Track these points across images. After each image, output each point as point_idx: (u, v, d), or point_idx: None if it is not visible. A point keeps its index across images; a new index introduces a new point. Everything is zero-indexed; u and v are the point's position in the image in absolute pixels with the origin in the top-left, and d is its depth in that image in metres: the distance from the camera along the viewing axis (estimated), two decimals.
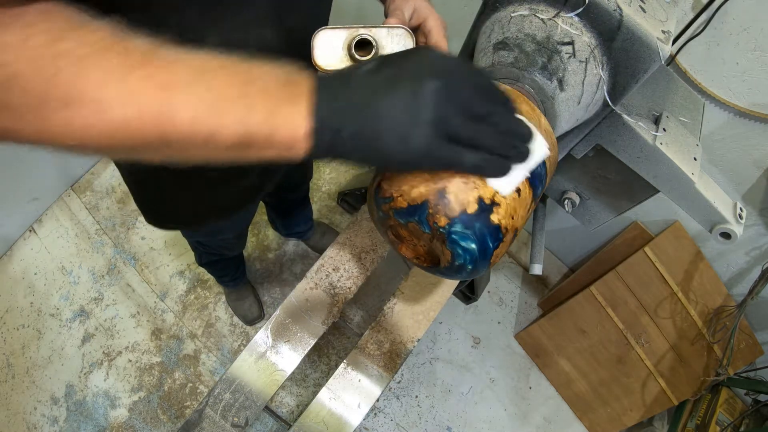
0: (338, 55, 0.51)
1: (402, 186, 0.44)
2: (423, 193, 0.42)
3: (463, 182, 0.42)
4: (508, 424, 1.75)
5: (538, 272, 0.97)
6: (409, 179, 0.43)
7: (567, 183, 0.91)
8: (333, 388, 0.92)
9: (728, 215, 0.72)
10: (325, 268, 0.97)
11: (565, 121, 0.63)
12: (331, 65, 0.51)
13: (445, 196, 0.42)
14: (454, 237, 0.43)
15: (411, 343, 0.95)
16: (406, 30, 0.52)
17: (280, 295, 1.76)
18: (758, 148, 1.11)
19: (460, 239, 0.43)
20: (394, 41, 0.52)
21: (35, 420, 1.51)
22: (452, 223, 0.42)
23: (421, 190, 0.43)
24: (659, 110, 0.75)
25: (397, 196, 0.44)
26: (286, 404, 1.61)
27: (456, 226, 0.42)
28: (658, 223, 1.48)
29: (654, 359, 1.55)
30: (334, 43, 0.51)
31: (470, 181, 0.42)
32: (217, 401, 0.88)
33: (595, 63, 0.58)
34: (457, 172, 0.41)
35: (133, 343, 1.63)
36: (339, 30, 0.51)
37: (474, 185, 0.42)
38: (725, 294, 1.44)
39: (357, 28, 0.51)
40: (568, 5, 0.57)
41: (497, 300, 1.93)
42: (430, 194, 0.42)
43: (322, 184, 1.94)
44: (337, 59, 0.51)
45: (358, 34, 0.50)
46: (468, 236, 0.43)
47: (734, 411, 1.55)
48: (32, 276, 1.68)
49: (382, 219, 0.49)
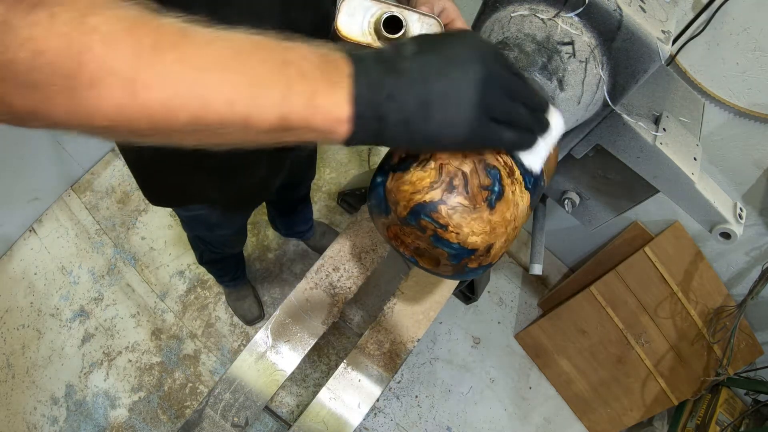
0: (362, 27, 0.49)
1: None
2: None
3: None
4: (508, 424, 1.75)
5: (538, 272, 0.97)
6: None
7: (567, 183, 0.91)
8: (333, 388, 0.92)
9: (728, 215, 0.72)
10: (325, 268, 0.97)
11: (565, 121, 0.63)
12: (353, 35, 0.50)
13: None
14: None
15: (411, 343, 0.95)
16: (438, 21, 0.51)
17: (280, 295, 1.76)
18: (758, 148, 1.11)
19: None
20: (424, 28, 0.51)
21: (35, 420, 1.51)
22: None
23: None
24: (659, 110, 0.75)
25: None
26: (286, 404, 1.61)
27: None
28: (658, 223, 1.48)
29: (654, 359, 1.55)
30: (361, 13, 0.49)
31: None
32: (217, 401, 0.88)
33: (595, 63, 0.58)
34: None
35: (133, 343, 1.63)
36: (370, 0, 0.49)
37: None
38: (725, 294, 1.44)
39: (389, 5, 0.49)
40: (568, 5, 0.57)
41: (497, 300, 1.93)
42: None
43: (322, 184, 1.94)
44: (359, 31, 0.50)
45: (389, 11, 0.49)
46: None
47: (734, 411, 1.55)
48: (32, 276, 1.68)
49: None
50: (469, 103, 0.36)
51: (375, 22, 0.49)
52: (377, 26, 0.49)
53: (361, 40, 0.50)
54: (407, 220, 0.45)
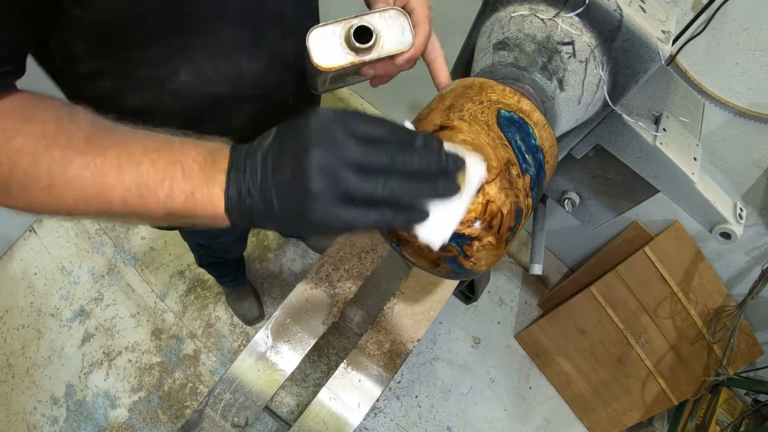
0: (338, 51, 0.50)
1: None
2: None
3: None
4: (508, 424, 1.75)
5: (538, 272, 0.97)
6: None
7: (567, 183, 0.91)
8: (333, 388, 0.92)
9: (728, 215, 0.72)
10: (325, 268, 0.97)
11: (565, 121, 0.63)
12: (335, 63, 0.50)
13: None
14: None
15: (411, 343, 0.95)
16: (397, 10, 0.51)
17: (280, 295, 1.76)
18: (758, 148, 1.11)
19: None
20: (389, 23, 0.51)
21: (35, 420, 1.51)
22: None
23: None
24: (659, 110, 0.75)
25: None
26: (286, 404, 1.61)
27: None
28: (658, 223, 1.48)
29: (654, 359, 1.55)
30: (330, 40, 0.50)
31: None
32: (217, 401, 0.88)
33: (595, 63, 0.58)
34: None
35: (133, 343, 1.63)
36: (331, 25, 0.50)
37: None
38: (725, 294, 1.44)
39: (349, 20, 0.50)
40: (568, 5, 0.57)
41: (497, 300, 1.93)
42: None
43: None
44: (338, 55, 0.50)
45: (352, 25, 0.49)
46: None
47: (734, 411, 1.54)
48: (32, 276, 1.68)
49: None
50: (310, 193, 0.34)
51: (347, 41, 0.50)
52: (350, 43, 0.49)
53: (344, 64, 0.50)
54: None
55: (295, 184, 0.35)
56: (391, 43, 0.51)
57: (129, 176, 0.38)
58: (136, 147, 0.39)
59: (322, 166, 0.34)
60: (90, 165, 0.38)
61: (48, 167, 0.37)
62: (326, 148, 0.34)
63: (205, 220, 0.40)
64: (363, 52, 0.50)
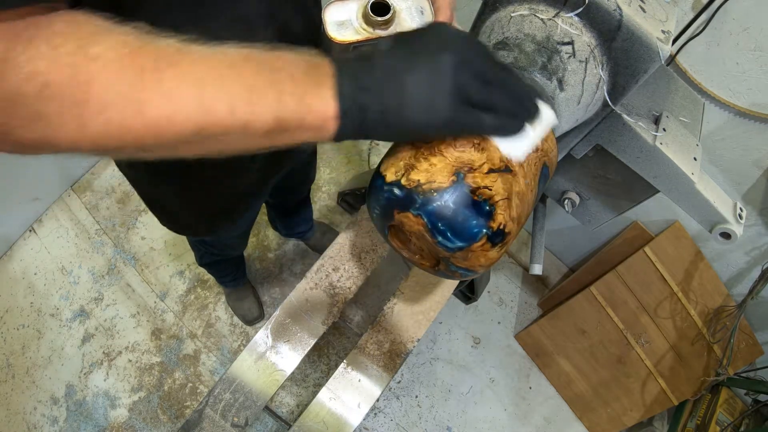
0: (353, 25, 0.49)
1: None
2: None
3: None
4: (508, 424, 1.75)
5: (538, 272, 0.97)
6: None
7: (567, 183, 0.91)
8: (333, 388, 0.92)
9: (728, 215, 0.72)
10: (325, 268, 0.97)
11: (565, 121, 0.63)
12: (347, 37, 0.49)
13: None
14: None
15: (411, 343, 0.95)
16: None
17: (280, 295, 1.76)
18: (758, 148, 1.11)
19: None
20: (409, 3, 0.50)
21: (35, 420, 1.51)
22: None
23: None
24: (659, 110, 0.75)
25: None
26: (286, 404, 1.61)
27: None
28: (658, 223, 1.48)
29: (654, 359, 1.55)
30: (345, 14, 0.49)
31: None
32: (217, 401, 0.88)
33: (595, 63, 0.58)
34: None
35: (133, 343, 1.63)
36: (349, 0, 0.49)
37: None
38: (725, 294, 1.44)
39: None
40: (568, 5, 0.57)
41: (497, 300, 1.93)
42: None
43: (322, 184, 1.94)
44: (352, 30, 0.49)
45: (369, 0, 0.49)
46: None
47: (734, 411, 1.54)
48: (32, 276, 1.68)
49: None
50: (441, 89, 0.37)
51: (363, 16, 0.49)
52: (367, 18, 0.49)
53: (359, 38, 0.50)
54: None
55: (430, 80, 0.37)
56: (408, 22, 0.51)
57: (233, 82, 0.34)
58: (233, 56, 0.36)
59: (458, 68, 0.37)
60: (186, 73, 0.33)
61: (136, 79, 0.31)
62: (461, 55, 0.38)
63: (310, 133, 0.37)
64: (379, 27, 0.50)
